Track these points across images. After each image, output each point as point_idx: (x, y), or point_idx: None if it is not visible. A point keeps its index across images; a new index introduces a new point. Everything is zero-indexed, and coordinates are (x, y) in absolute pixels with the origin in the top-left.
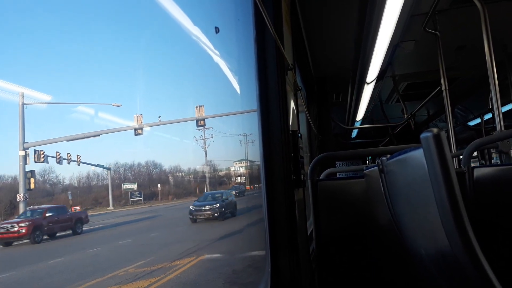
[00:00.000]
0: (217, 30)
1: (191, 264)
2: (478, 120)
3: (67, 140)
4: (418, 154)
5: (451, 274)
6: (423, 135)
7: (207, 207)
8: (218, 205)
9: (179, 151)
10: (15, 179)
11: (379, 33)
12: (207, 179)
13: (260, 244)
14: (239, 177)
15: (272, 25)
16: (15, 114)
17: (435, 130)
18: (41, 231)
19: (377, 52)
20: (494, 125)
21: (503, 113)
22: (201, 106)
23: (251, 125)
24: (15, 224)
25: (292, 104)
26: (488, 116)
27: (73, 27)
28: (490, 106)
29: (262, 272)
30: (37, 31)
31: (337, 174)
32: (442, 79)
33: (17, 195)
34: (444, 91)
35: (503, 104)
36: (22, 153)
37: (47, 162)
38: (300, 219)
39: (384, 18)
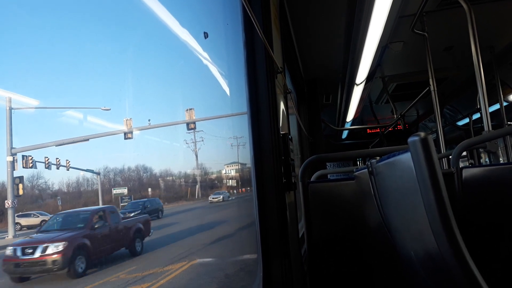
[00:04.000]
0: (206, 35)
1: (184, 270)
2: (467, 120)
3: (56, 145)
4: (406, 158)
5: (439, 275)
6: (410, 139)
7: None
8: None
9: (169, 154)
10: (2, 185)
11: (368, 34)
12: (198, 183)
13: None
14: (230, 180)
15: (261, 29)
16: (2, 119)
17: (422, 134)
18: None
19: (366, 53)
20: (483, 124)
21: (490, 113)
22: (192, 109)
23: (242, 127)
24: None
25: (282, 107)
26: (476, 115)
27: (61, 31)
28: (478, 106)
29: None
30: (24, 35)
31: (328, 176)
32: (430, 80)
33: (5, 201)
34: (432, 92)
35: (490, 104)
36: (10, 158)
37: (36, 168)
38: (292, 221)
39: (373, 20)
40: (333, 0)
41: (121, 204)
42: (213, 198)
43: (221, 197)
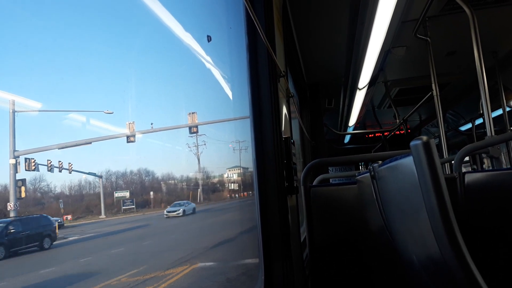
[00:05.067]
0: (209, 38)
1: (185, 271)
2: (469, 125)
3: (59, 148)
4: (408, 162)
5: (441, 279)
6: (412, 143)
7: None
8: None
9: (171, 158)
10: (5, 187)
11: (371, 39)
12: (200, 187)
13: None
14: (232, 184)
15: (264, 33)
16: (5, 122)
17: (424, 138)
18: None
19: (368, 58)
20: (485, 130)
21: (493, 118)
22: (194, 113)
23: (244, 131)
24: None
25: (285, 111)
26: (479, 121)
27: (64, 34)
28: (481, 111)
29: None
30: (28, 38)
31: (330, 180)
32: (433, 85)
33: (8, 204)
34: (435, 97)
35: (493, 109)
36: (13, 161)
37: (38, 170)
38: (293, 225)
39: (375, 25)
40: (336, 4)
41: (123, 207)
42: (168, 212)
43: (181, 210)
